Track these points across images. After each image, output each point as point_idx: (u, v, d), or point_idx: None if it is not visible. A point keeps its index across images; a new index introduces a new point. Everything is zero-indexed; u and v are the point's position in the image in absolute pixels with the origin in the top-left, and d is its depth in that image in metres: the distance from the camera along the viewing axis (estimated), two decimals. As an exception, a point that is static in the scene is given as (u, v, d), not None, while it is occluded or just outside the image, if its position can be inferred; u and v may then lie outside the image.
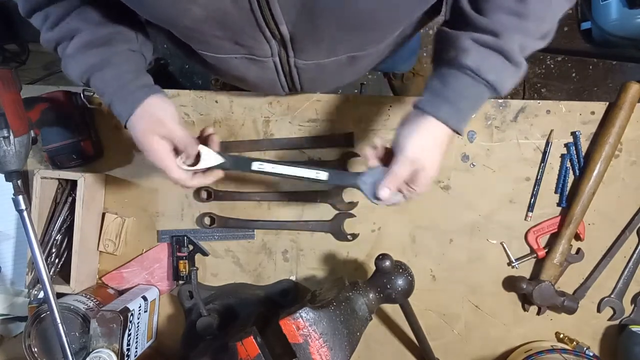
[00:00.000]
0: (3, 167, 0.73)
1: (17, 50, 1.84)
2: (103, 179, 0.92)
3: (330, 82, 0.79)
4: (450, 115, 0.59)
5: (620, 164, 0.84)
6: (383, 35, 0.65)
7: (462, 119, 0.60)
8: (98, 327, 0.76)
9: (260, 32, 0.57)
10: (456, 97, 0.59)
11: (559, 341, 0.86)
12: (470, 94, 0.59)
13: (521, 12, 0.56)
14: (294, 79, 0.70)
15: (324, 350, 0.63)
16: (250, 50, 0.62)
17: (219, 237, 0.92)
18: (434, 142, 0.60)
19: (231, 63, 0.65)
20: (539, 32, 0.58)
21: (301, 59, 0.65)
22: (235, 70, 0.67)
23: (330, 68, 0.68)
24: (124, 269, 0.93)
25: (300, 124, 0.89)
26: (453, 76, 0.59)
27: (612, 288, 0.85)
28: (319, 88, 0.85)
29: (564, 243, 0.82)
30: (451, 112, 0.59)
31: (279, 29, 0.56)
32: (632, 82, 0.81)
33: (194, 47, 0.63)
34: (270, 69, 0.67)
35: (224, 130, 0.90)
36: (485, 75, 0.57)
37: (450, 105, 0.59)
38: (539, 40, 0.59)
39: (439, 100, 0.59)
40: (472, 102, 0.60)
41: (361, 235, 0.89)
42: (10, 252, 0.96)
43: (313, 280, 0.91)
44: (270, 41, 0.60)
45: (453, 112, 0.59)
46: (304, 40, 0.60)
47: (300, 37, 0.59)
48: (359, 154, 0.87)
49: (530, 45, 0.58)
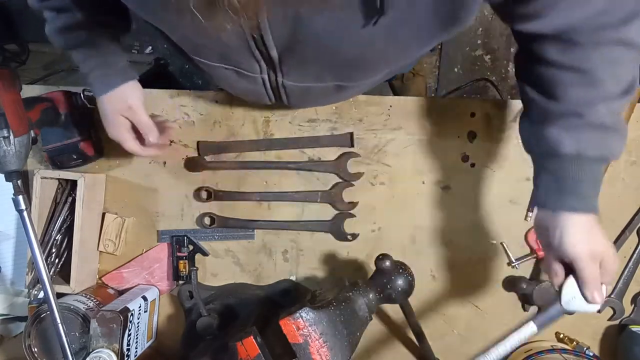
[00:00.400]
0: (3, 167, 0.72)
1: (17, 50, 1.84)
2: (103, 179, 0.92)
3: (318, 102, 0.81)
4: (579, 203, 0.59)
5: (620, 164, 0.84)
6: (373, 73, 0.65)
7: (591, 199, 0.60)
8: (98, 327, 0.76)
9: (250, 53, 0.57)
10: (575, 186, 0.59)
11: (559, 341, 0.85)
12: (586, 176, 0.59)
13: (591, 81, 0.55)
14: (281, 96, 0.71)
15: (324, 350, 0.63)
16: (239, 65, 0.63)
17: (219, 237, 0.92)
18: (589, 231, 0.59)
19: (222, 72, 0.65)
20: (619, 90, 0.57)
21: (289, 80, 0.65)
22: (225, 78, 0.68)
23: (318, 91, 0.69)
24: (124, 269, 0.93)
25: (300, 124, 0.89)
26: (560, 167, 0.59)
27: (612, 288, 0.85)
28: (306, 105, 0.86)
29: (564, 243, 0.82)
30: (579, 200, 0.59)
31: (269, 53, 0.57)
32: (632, 82, 0.80)
33: (187, 52, 0.64)
34: (258, 84, 0.68)
35: (224, 130, 0.90)
36: (588, 154, 0.57)
37: (574, 195, 0.59)
38: (624, 96, 0.58)
39: (563, 196, 0.59)
40: (592, 180, 0.60)
41: (361, 235, 0.89)
42: (10, 252, 0.96)
43: (313, 280, 0.91)
44: (259, 61, 0.60)
45: (580, 199, 0.59)
46: (292, 65, 0.61)
47: (288, 61, 0.60)
48: (359, 154, 0.87)
49: (618, 105, 0.58)
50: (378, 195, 0.89)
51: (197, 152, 0.91)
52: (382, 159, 0.88)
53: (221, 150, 0.90)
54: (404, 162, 0.88)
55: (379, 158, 0.88)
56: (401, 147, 0.88)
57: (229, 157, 0.91)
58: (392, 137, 0.87)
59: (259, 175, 0.90)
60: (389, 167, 0.88)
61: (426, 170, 0.88)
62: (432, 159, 0.87)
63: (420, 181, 0.88)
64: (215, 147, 0.90)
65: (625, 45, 0.55)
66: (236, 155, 0.91)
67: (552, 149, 0.59)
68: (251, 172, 0.90)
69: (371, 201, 0.89)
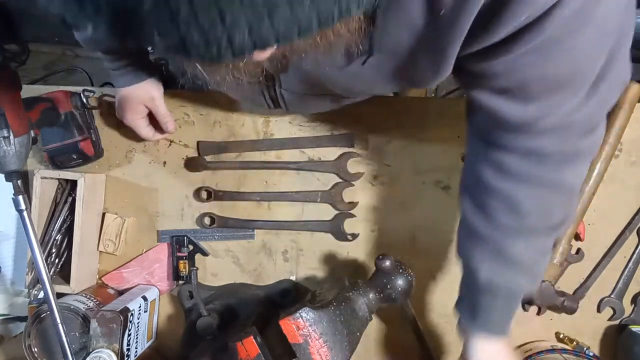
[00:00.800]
0: (3, 167, 0.72)
1: (17, 50, 1.84)
2: (103, 179, 0.92)
3: (317, 109, 0.82)
4: (489, 328, 0.63)
5: (620, 164, 0.84)
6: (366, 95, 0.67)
7: (502, 325, 0.62)
8: (98, 327, 0.76)
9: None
10: (486, 312, 0.62)
11: (559, 341, 0.85)
12: (498, 304, 0.61)
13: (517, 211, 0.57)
14: (279, 102, 0.71)
15: (324, 350, 0.63)
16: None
17: (219, 237, 0.91)
18: (495, 355, 0.63)
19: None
20: (545, 226, 0.58)
21: (287, 90, 0.66)
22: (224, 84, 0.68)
23: (316, 100, 0.70)
24: (124, 269, 0.93)
25: (300, 124, 0.89)
26: (476, 290, 0.63)
27: (612, 288, 0.85)
28: (305, 112, 0.87)
29: (564, 243, 0.82)
30: (489, 326, 0.63)
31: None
32: (632, 82, 0.80)
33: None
34: (257, 90, 0.68)
35: (224, 130, 0.90)
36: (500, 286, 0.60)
37: (485, 320, 0.63)
38: (552, 233, 0.59)
39: (476, 318, 0.63)
40: (504, 308, 0.62)
41: (361, 235, 0.89)
42: (10, 252, 0.96)
43: (313, 280, 0.91)
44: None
45: (491, 326, 0.63)
46: (289, 79, 0.62)
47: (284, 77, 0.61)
48: (359, 154, 0.87)
49: (542, 241, 0.60)
50: (378, 195, 0.88)
51: (197, 152, 0.91)
52: (382, 159, 0.88)
53: (221, 150, 0.90)
54: (404, 162, 0.88)
55: (379, 158, 0.88)
56: (401, 147, 0.88)
57: (229, 157, 0.91)
58: (392, 137, 0.87)
59: (259, 175, 0.90)
60: (389, 167, 0.88)
61: (426, 170, 0.87)
62: (432, 159, 0.87)
63: (420, 181, 0.88)
64: (215, 147, 0.90)
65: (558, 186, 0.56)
66: (236, 155, 0.91)
67: (471, 270, 0.61)
68: (251, 172, 0.90)
69: (371, 201, 0.89)
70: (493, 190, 0.57)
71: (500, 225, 0.58)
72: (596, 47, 0.44)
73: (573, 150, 0.54)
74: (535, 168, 0.54)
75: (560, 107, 0.49)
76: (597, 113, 0.52)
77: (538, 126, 0.50)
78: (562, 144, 0.52)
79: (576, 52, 0.43)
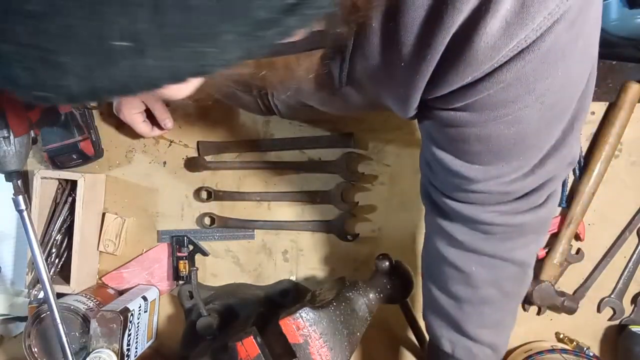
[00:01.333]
0: (3, 167, 0.72)
1: (17, 50, 1.84)
2: (103, 179, 0.92)
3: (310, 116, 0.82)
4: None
5: (620, 164, 0.84)
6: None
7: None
8: (98, 327, 0.76)
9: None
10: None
11: (559, 341, 0.85)
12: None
13: (470, 283, 0.57)
14: (272, 109, 0.71)
15: (324, 350, 0.63)
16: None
17: (219, 237, 0.91)
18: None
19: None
20: (500, 295, 0.58)
21: (279, 100, 0.67)
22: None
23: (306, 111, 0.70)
24: (124, 269, 0.93)
25: (300, 124, 0.89)
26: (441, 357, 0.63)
27: (612, 288, 0.85)
28: (299, 118, 0.86)
29: (564, 243, 0.82)
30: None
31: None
32: (632, 82, 0.80)
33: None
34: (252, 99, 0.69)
35: (224, 130, 0.90)
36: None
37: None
38: (510, 302, 0.60)
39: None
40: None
41: (361, 235, 0.89)
42: (10, 252, 0.96)
43: (313, 280, 0.91)
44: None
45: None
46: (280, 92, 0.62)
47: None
48: (359, 154, 0.87)
49: (500, 314, 0.60)
50: (378, 195, 0.89)
51: (197, 152, 0.91)
52: (382, 159, 0.88)
53: (221, 150, 0.90)
54: (404, 162, 0.88)
55: (379, 158, 0.88)
56: (401, 147, 0.87)
57: (229, 157, 0.91)
58: (392, 137, 0.87)
59: (259, 175, 0.90)
60: (389, 167, 0.88)
61: (426, 170, 0.87)
62: (432, 159, 0.87)
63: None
64: (215, 147, 0.90)
65: (507, 259, 0.55)
66: (236, 155, 0.91)
67: (436, 338, 0.62)
68: (251, 172, 0.90)
69: (371, 201, 0.89)
70: (445, 260, 0.57)
71: (455, 296, 0.58)
72: (544, 124, 0.44)
73: (517, 224, 0.53)
74: (481, 241, 0.54)
75: (502, 175, 0.48)
76: (542, 188, 0.51)
77: (478, 188, 0.49)
78: (503, 215, 0.52)
79: (522, 125, 0.43)
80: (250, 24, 0.23)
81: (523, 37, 0.34)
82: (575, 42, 0.37)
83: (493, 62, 0.36)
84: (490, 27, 0.34)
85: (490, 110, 0.41)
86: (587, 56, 0.41)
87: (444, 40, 0.36)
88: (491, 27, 0.34)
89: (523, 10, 0.33)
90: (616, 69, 0.82)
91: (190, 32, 0.22)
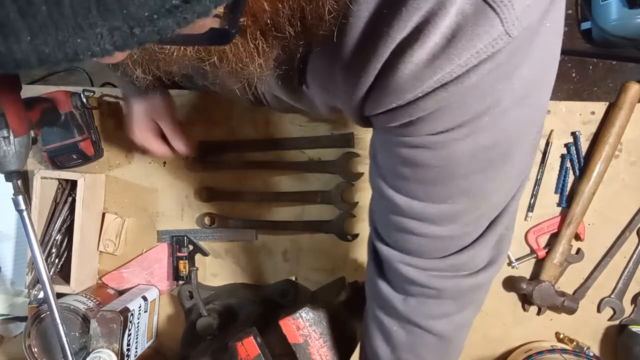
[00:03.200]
0: (3, 167, 0.72)
1: (17, 50, 1.83)
2: (103, 179, 0.92)
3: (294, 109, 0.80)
4: None
5: (620, 164, 0.84)
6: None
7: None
8: (98, 327, 0.76)
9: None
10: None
11: (559, 341, 0.85)
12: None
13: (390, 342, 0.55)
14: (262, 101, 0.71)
15: (324, 350, 0.63)
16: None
17: (219, 237, 0.91)
18: None
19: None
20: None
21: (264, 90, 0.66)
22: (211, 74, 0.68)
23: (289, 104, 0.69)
24: (124, 269, 0.93)
25: (300, 124, 0.89)
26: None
27: (612, 288, 0.85)
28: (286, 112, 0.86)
29: (564, 243, 0.82)
30: None
31: None
32: (632, 82, 0.81)
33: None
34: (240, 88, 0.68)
35: (224, 130, 0.90)
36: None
37: None
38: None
39: None
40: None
41: (361, 235, 0.89)
42: (10, 252, 0.96)
43: (313, 280, 0.91)
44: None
45: None
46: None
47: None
48: (359, 154, 0.87)
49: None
50: (378, 195, 0.88)
51: (197, 152, 0.91)
52: (382, 159, 0.88)
53: (221, 150, 0.90)
54: (404, 162, 0.88)
55: (379, 158, 0.88)
56: (401, 147, 0.87)
57: (229, 157, 0.91)
58: (392, 137, 0.87)
59: (259, 175, 0.90)
60: (389, 167, 0.88)
61: (426, 170, 0.87)
62: (432, 159, 0.87)
63: (420, 181, 0.88)
64: (215, 147, 0.90)
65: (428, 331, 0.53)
66: (236, 155, 0.91)
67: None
68: (251, 172, 0.90)
69: (371, 201, 0.89)
70: (372, 314, 0.57)
71: (377, 354, 0.56)
72: (477, 167, 0.42)
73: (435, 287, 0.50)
74: (399, 301, 0.52)
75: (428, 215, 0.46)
76: (476, 255, 0.49)
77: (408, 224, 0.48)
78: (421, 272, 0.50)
79: (448, 156, 0.41)
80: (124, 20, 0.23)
81: (448, 71, 0.34)
82: (508, 83, 0.36)
83: (417, 92, 0.36)
84: (416, 57, 0.34)
85: (416, 137, 0.41)
86: (528, 103, 0.39)
87: (377, 65, 0.37)
88: (417, 57, 0.34)
89: (450, 45, 0.33)
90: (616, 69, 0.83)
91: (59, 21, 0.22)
